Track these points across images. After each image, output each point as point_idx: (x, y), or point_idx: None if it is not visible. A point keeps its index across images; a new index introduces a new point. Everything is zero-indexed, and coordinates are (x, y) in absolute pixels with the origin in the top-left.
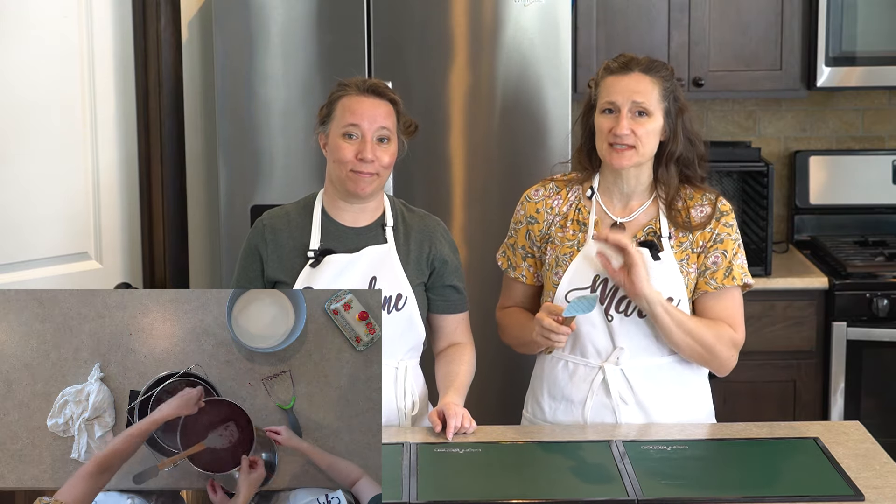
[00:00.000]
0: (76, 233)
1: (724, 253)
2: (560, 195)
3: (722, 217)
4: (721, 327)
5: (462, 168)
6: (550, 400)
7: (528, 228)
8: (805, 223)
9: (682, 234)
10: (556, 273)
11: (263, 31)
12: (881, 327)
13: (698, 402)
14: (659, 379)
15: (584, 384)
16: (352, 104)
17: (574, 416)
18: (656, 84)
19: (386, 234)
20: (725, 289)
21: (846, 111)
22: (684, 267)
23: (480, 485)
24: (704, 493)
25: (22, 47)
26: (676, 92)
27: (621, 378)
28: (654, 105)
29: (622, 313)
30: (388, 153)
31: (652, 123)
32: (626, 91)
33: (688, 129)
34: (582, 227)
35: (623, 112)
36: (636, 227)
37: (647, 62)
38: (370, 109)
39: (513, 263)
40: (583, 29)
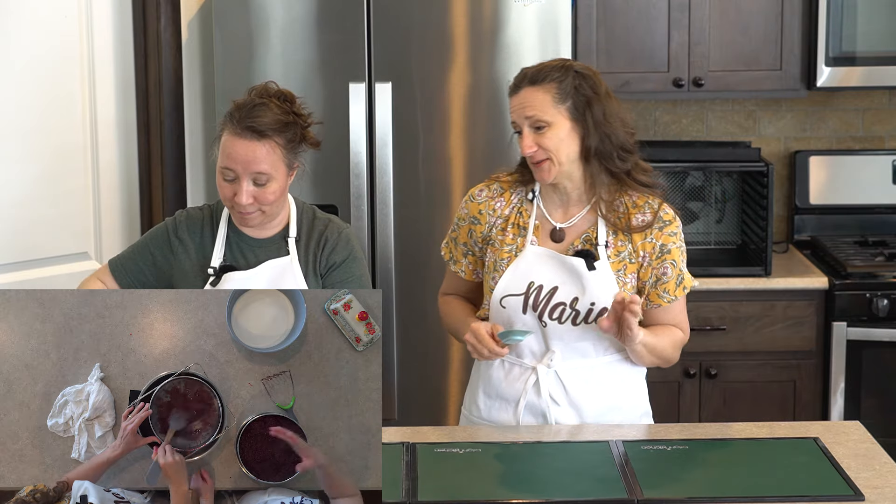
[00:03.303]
0: (76, 233)
1: (672, 263)
2: (503, 197)
3: (665, 227)
4: (675, 335)
5: (462, 168)
6: (486, 398)
7: (471, 228)
8: (805, 223)
9: (621, 243)
10: (493, 278)
11: (263, 31)
12: (881, 327)
13: (633, 402)
14: (592, 380)
15: (518, 384)
16: (227, 145)
17: (508, 415)
18: (547, 91)
19: (289, 245)
20: (677, 299)
21: (846, 111)
22: (621, 277)
23: (480, 485)
24: (704, 493)
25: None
26: (581, 86)
27: (554, 379)
28: (551, 113)
29: (556, 320)
30: (269, 192)
31: (554, 132)
32: (518, 109)
33: (599, 122)
34: (522, 231)
35: (524, 130)
36: (575, 234)
37: (533, 72)
38: (244, 153)
39: (454, 257)
40: (583, 29)
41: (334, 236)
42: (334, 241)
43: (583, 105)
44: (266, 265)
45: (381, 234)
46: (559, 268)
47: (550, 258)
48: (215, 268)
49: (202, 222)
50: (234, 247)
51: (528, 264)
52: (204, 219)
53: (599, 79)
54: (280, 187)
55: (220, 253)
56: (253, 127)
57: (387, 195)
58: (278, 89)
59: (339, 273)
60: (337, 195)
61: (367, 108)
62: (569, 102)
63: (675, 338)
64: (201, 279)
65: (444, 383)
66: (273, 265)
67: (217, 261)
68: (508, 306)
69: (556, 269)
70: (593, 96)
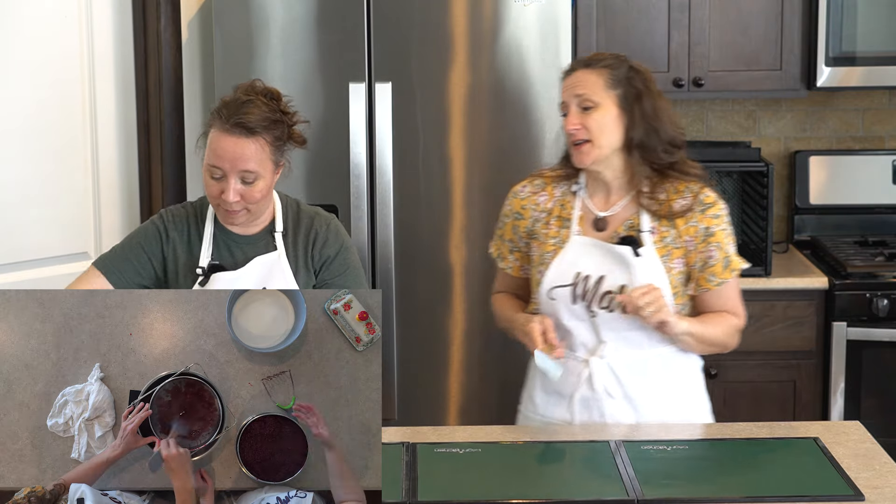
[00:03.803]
0: (76, 233)
1: (717, 246)
2: (546, 191)
3: (707, 210)
4: (728, 320)
5: (462, 168)
6: (543, 394)
7: (514, 223)
8: (805, 223)
9: (665, 229)
10: (540, 271)
11: (263, 31)
12: (881, 327)
13: (690, 396)
14: (646, 372)
15: (573, 377)
16: (215, 142)
17: (563, 410)
18: (600, 75)
19: (276, 240)
20: (726, 282)
21: (846, 111)
22: (666, 262)
23: (480, 485)
24: (704, 493)
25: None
26: (633, 78)
27: (608, 371)
28: (601, 95)
29: (605, 309)
30: (256, 190)
31: (601, 114)
32: (569, 89)
33: (648, 115)
34: (565, 223)
35: (571, 109)
36: (618, 222)
37: (589, 57)
38: (233, 150)
39: (501, 254)
40: (583, 29)
41: (323, 229)
42: (325, 235)
43: (633, 96)
44: (254, 262)
45: (381, 234)
46: (605, 256)
47: (595, 247)
48: (204, 268)
49: (187, 220)
50: (221, 245)
51: (573, 254)
52: (189, 217)
53: (652, 77)
54: (267, 185)
55: (207, 252)
56: (242, 124)
57: (387, 195)
58: (265, 87)
59: (335, 266)
60: (337, 195)
61: (367, 108)
62: (619, 90)
63: (728, 323)
64: (191, 279)
65: (444, 383)
66: (262, 262)
67: (205, 260)
68: (557, 297)
69: (601, 257)
70: (644, 90)
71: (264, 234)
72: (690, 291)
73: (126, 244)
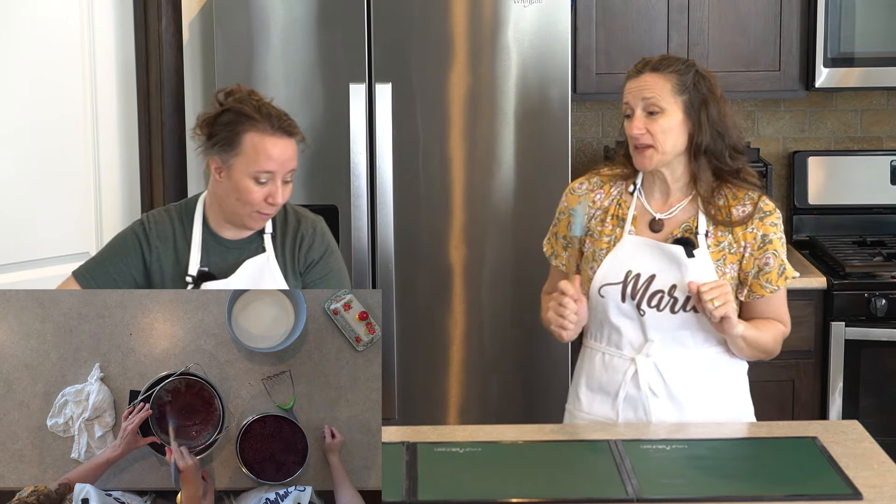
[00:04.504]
0: (77, 233)
1: (774, 253)
2: (603, 189)
3: (766, 217)
4: (776, 328)
5: (462, 168)
6: (588, 391)
7: (570, 220)
8: (804, 223)
9: (721, 234)
10: (591, 267)
11: (264, 32)
12: (879, 327)
13: (735, 397)
14: (692, 372)
15: (618, 375)
16: (266, 146)
17: (608, 408)
18: (668, 79)
19: (265, 242)
20: (779, 289)
21: (845, 112)
22: (720, 267)
23: (480, 485)
24: (704, 492)
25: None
26: (699, 84)
27: (653, 370)
28: (668, 100)
29: (654, 308)
30: (290, 191)
31: (667, 119)
32: (636, 92)
33: (714, 121)
34: (621, 222)
35: (636, 113)
36: (675, 224)
37: (657, 61)
38: (282, 152)
39: (555, 251)
40: (582, 29)
41: (310, 232)
42: (311, 238)
43: (699, 102)
44: (245, 266)
45: (382, 234)
46: (657, 256)
47: (648, 247)
48: (193, 276)
49: (172, 226)
50: (211, 250)
51: (625, 253)
52: (174, 222)
53: (717, 83)
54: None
55: (197, 259)
56: (288, 127)
57: (387, 195)
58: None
59: (318, 270)
60: (337, 195)
61: (367, 109)
62: (686, 96)
63: (777, 331)
64: (179, 287)
65: (444, 383)
66: (252, 265)
67: (195, 268)
68: (607, 295)
69: (654, 257)
70: (710, 96)
71: (255, 237)
72: (742, 298)
73: (105, 254)
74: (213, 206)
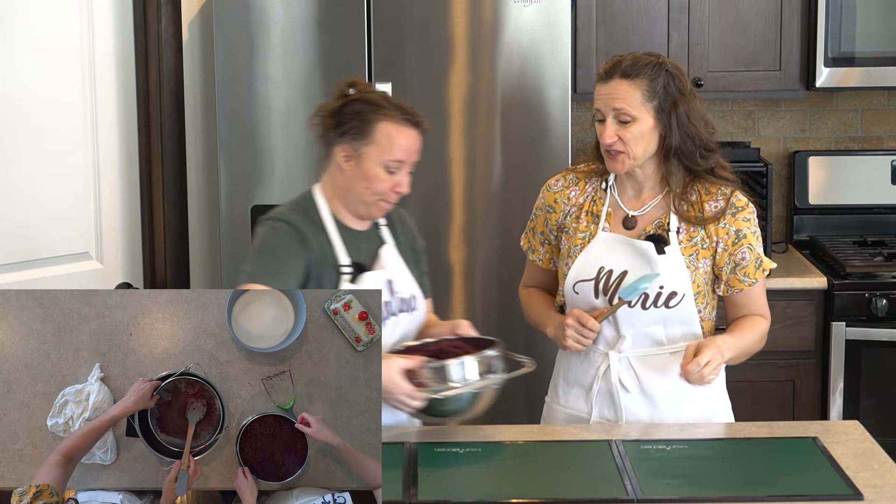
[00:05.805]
0: (77, 233)
1: (749, 247)
2: (578, 186)
3: (739, 213)
4: (757, 326)
5: (462, 168)
6: (565, 384)
7: (546, 216)
8: (804, 223)
9: (694, 229)
10: (566, 264)
11: (264, 32)
12: (880, 327)
13: (711, 394)
14: (664, 369)
15: (591, 370)
16: (400, 137)
17: (582, 402)
18: (638, 87)
19: (381, 232)
20: (757, 281)
21: (845, 112)
22: (692, 262)
23: (480, 485)
24: (704, 493)
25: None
26: (669, 86)
27: (626, 366)
28: (638, 108)
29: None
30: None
31: (637, 127)
32: (606, 99)
33: (684, 123)
34: (595, 218)
35: (607, 120)
36: (648, 221)
37: (628, 65)
38: (413, 143)
39: (532, 246)
40: (582, 29)
41: (410, 223)
42: (410, 226)
43: (669, 105)
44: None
45: None
46: (629, 253)
47: (621, 243)
48: (350, 268)
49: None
50: (347, 241)
51: (599, 250)
52: (312, 218)
53: (686, 78)
54: None
55: (342, 250)
56: (419, 122)
57: None
58: None
59: (424, 261)
60: None
61: None
62: (656, 101)
63: (759, 329)
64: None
65: None
66: (386, 254)
67: (344, 258)
68: (581, 291)
69: (626, 253)
70: (679, 97)
71: (372, 227)
72: (720, 292)
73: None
74: (334, 197)
